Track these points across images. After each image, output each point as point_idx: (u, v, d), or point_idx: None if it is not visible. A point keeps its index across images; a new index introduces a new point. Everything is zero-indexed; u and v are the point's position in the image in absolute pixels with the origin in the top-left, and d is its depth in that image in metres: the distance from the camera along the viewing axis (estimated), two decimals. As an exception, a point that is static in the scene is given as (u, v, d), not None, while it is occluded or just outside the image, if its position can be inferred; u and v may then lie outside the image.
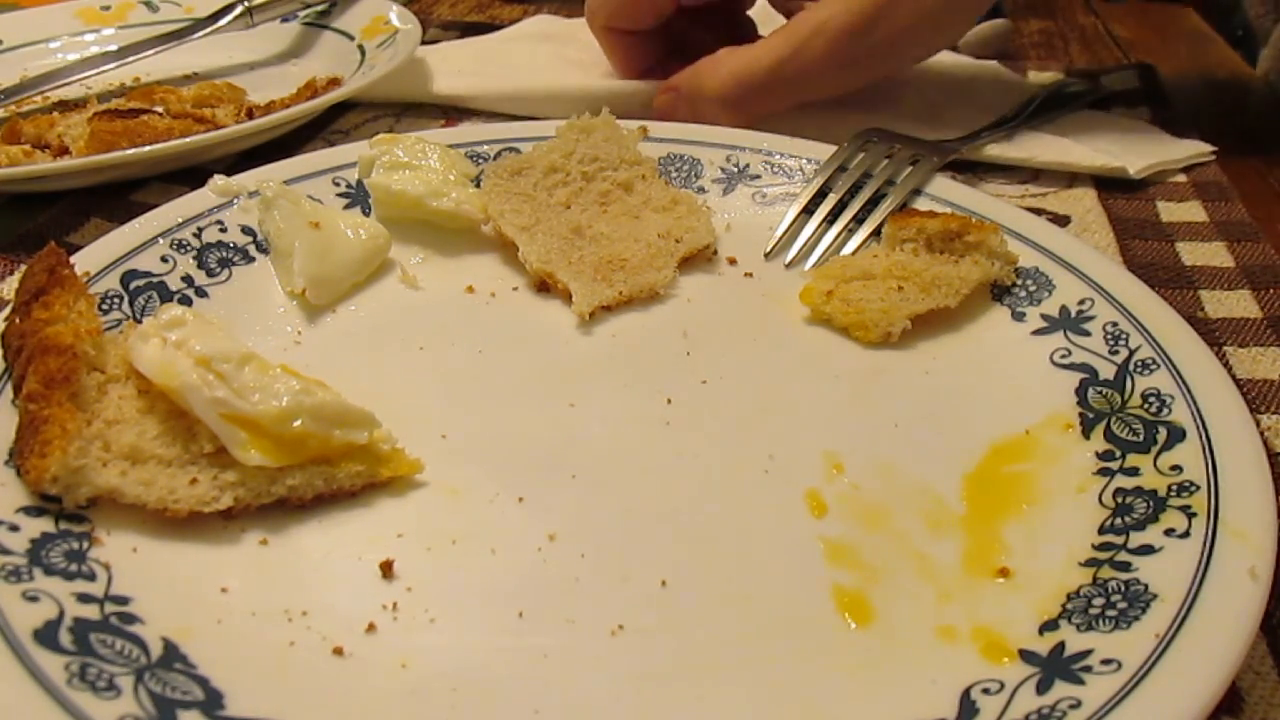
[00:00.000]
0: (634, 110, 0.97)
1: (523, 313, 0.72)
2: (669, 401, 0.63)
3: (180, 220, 0.72)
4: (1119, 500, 0.53)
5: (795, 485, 0.57)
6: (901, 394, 0.64)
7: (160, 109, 0.97)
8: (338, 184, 0.79)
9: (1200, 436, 0.54)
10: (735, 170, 0.84)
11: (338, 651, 0.47)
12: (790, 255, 0.77)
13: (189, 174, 0.88)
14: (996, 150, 0.95)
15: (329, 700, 0.45)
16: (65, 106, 1.04)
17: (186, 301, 0.68)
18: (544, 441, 0.60)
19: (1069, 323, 0.66)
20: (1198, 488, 0.51)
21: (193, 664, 0.45)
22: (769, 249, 0.78)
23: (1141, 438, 0.56)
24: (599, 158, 0.81)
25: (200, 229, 0.72)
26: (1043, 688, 0.44)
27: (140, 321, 0.63)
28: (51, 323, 0.56)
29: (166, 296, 0.67)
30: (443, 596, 0.50)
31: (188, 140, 0.85)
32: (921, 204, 0.78)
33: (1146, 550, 0.49)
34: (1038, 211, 0.85)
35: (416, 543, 0.53)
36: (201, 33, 1.11)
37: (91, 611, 0.46)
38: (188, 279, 0.69)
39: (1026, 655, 0.46)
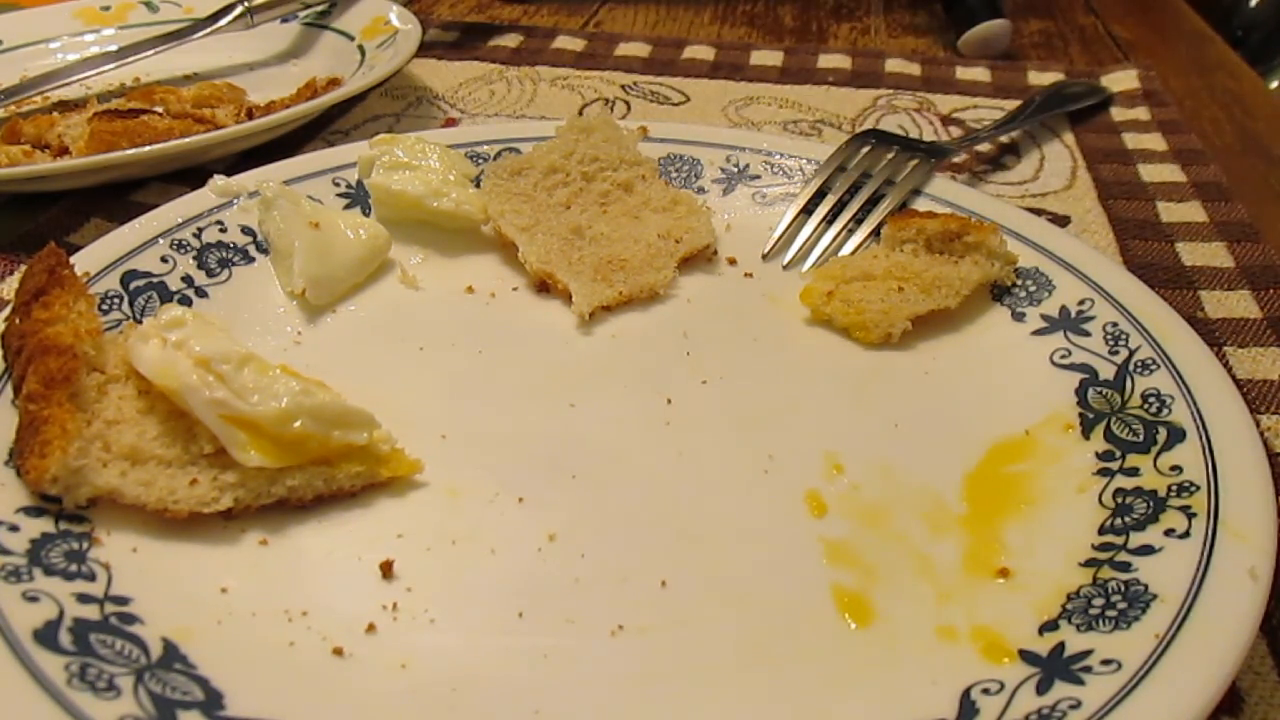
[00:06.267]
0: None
1: (523, 313, 0.72)
2: (669, 401, 0.63)
3: (180, 220, 0.72)
4: (1119, 500, 0.53)
5: (795, 485, 0.57)
6: (901, 394, 0.64)
7: (160, 109, 0.97)
8: (338, 184, 0.79)
9: (1200, 437, 0.54)
10: (735, 170, 0.84)
11: (338, 651, 0.47)
12: (789, 255, 0.77)
13: (189, 174, 0.88)
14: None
15: (329, 700, 0.45)
16: (65, 106, 1.04)
17: (186, 302, 0.68)
18: (544, 441, 0.60)
19: (1069, 323, 0.66)
20: (1198, 488, 0.51)
21: (193, 664, 0.45)
22: (767, 249, 0.78)
23: (1141, 438, 0.56)
24: (599, 158, 0.81)
25: (200, 229, 0.72)
26: (1043, 688, 0.44)
27: (140, 322, 0.63)
28: (51, 323, 0.56)
29: (166, 296, 0.67)
30: (443, 596, 0.50)
31: (188, 140, 0.85)
32: (921, 204, 0.78)
33: (1146, 550, 0.49)
34: (1038, 211, 0.85)
35: (416, 543, 0.53)
36: (201, 33, 1.11)
37: (91, 612, 0.46)
38: (188, 279, 0.69)
39: (1026, 655, 0.46)
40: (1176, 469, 0.53)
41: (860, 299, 0.69)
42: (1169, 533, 0.50)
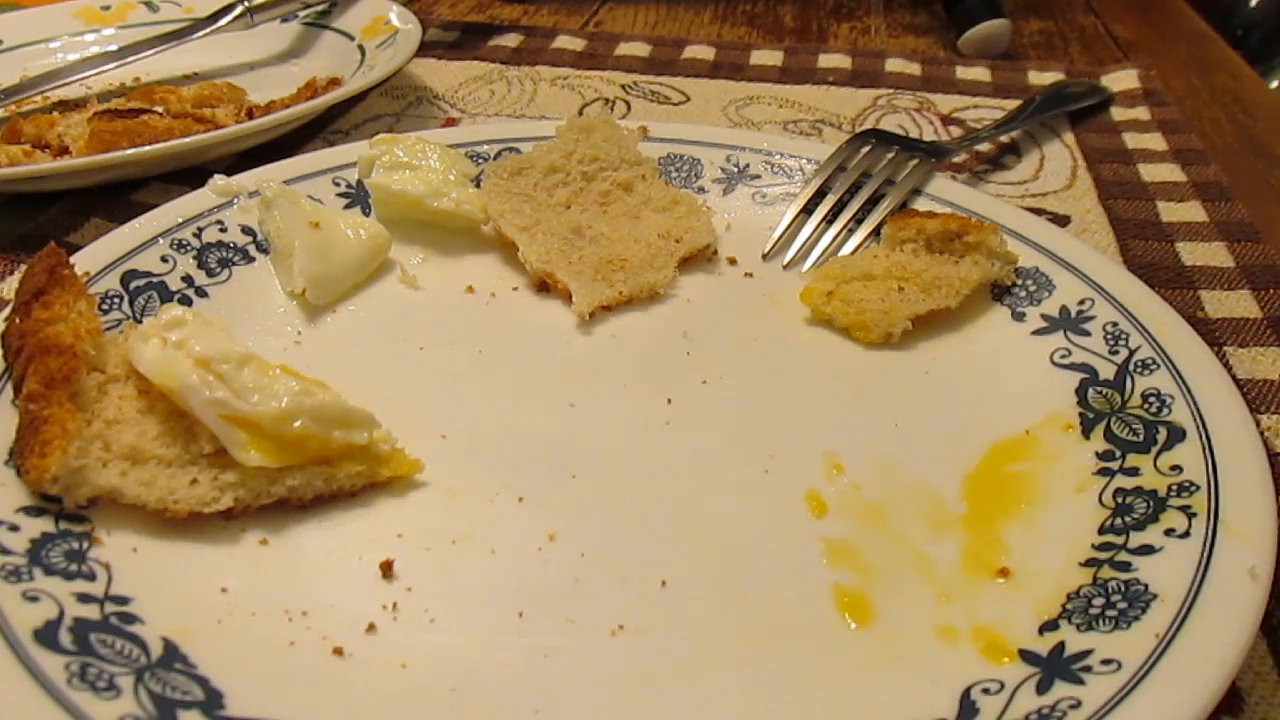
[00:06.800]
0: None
1: (523, 313, 0.72)
2: (669, 401, 0.63)
3: (180, 220, 0.72)
4: (1119, 500, 0.53)
5: (795, 485, 0.57)
6: (901, 394, 0.64)
7: (160, 109, 0.97)
8: (338, 184, 0.79)
9: (1200, 436, 0.54)
10: (735, 170, 0.84)
11: (338, 651, 0.47)
12: (789, 255, 0.77)
13: (189, 174, 0.88)
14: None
15: (329, 700, 0.45)
16: (65, 106, 1.04)
17: (186, 301, 0.68)
18: (544, 441, 0.60)
19: (1069, 323, 0.66)
20: (1198, 488, 0.51)
21: (193, 664, 0.45)
22: (767, 249, 0.78)
23: (1141, 438, 0.56)
24: (599, 158, 0.81)
25: (200, 229, 0.72)
26: (1043, 688, 0.44)
27: (140, 321, 0.63)
28: (51, 323, 0.56)
29: (166, 296, 0.67)
30: (443, 596, 0.50)
31: (188, 140, 0.85)
32: (921, 204, 0.78)
33: (1146, 550, 0.49)
34: (1038, 211, 0.85)
35: (416, 543, 0.53)
36: (201, 33, 1.11)
37: (91, 611, 0.46)
38: (188, 279, 0.69)
39: (1026, 655, 0.46)
40: (1176, 469, 0.53)
41: (860, 299, 0.69)
42: (1169, 532, 0.50)
